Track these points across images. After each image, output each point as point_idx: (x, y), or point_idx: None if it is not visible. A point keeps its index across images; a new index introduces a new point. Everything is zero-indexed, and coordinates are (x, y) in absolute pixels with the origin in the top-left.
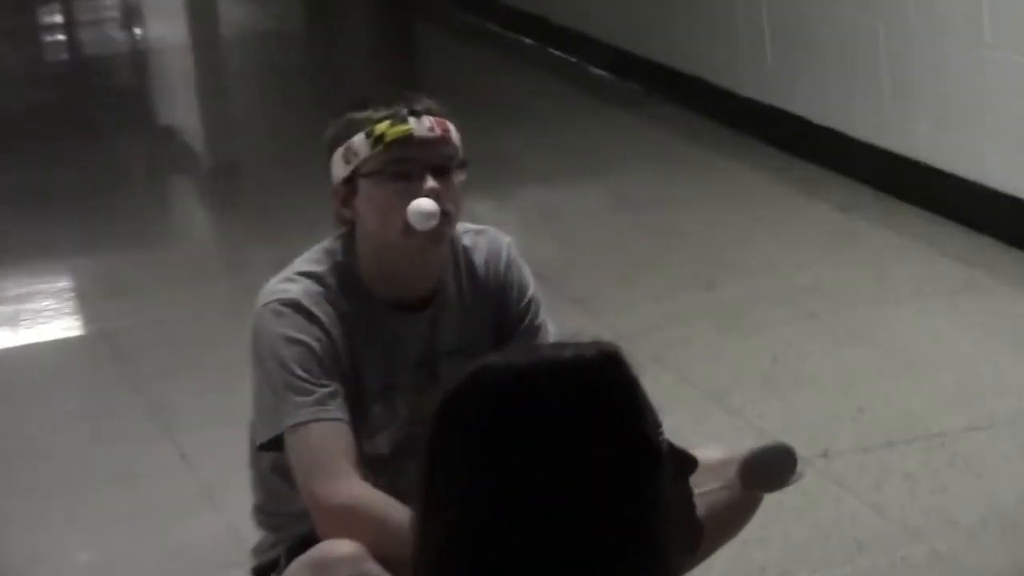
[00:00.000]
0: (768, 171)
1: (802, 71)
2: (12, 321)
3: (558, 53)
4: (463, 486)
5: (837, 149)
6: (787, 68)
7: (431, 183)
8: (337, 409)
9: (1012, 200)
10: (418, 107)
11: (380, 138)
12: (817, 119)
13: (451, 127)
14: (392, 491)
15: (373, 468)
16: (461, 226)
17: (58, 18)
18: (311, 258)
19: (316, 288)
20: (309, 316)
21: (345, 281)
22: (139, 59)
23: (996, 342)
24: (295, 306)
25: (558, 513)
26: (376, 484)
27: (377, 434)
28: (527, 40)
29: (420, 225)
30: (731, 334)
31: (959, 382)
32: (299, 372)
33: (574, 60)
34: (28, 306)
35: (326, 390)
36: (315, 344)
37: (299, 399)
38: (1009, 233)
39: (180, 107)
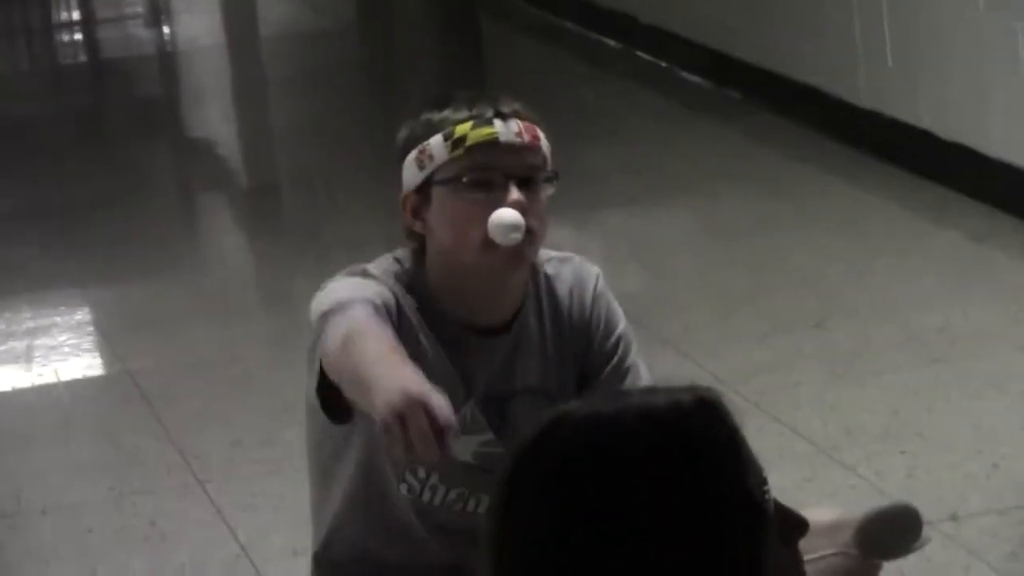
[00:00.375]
0: (888, 193)
1: (928, 78)
2: (25, 357)
3: (646, 56)
4: (538, 554)
5: (969, 169)
6: (911, 74)
7: (516, 194)
8: (382, 313)
9: None
10: (505, 109)
11: (460, 141)
12: (946, 134)
13: (541, 134)
14: (464, 513)
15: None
16: (544, 252)
17: (75, 15)
18: (378, 262)
19: (391, 275)
20: (376, 281)
21: (415, 289)
22: (167, 62)
23: None
24: (363, 272)
25: None
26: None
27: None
28: (611, 42)
29: (501, 239)
30: (845, 381)
31: None
32: (345, 295)
33: (664, 65)
34: (43, 341)
35: (381, 312)
36: (376, 296)
37: (352, 303)
38: None
39: (213, 116)
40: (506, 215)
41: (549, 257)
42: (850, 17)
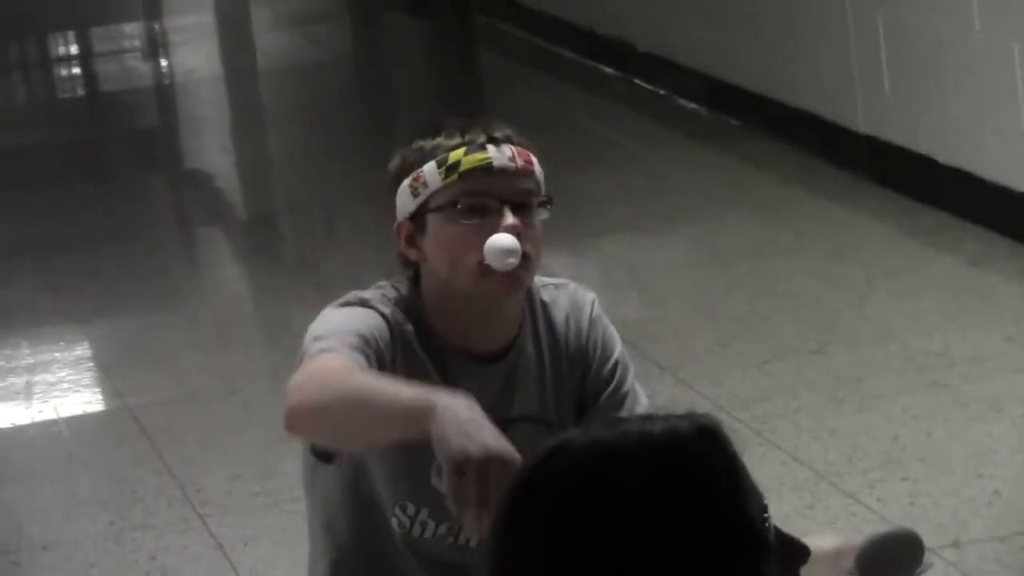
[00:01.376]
0: (887, 219)
1: (926, 102)
2: (24, 394)
3: (644, 84)
4: None
5: (967, 193)
6: (908, 99)
7: (511, 219)
8: (364, 355)
9: None
10: (497, 134)
11: (454, 167)
12: (944, 159)
13: (534, 159)
14: (455, 547)
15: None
16: (539, 279)
17: (73, 49)
18: (375, 289)
19: (388, 300)
20: (376, 312)
21: (412, 315)
22: (165, 94)
23: None
24: (360, 301)
25: None
26: (437, 534)
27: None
28: (608, 69)
29: (497, 264)
30: (845, 407)
31: None
32: (338, 329)
33: (662, 92)
34: (42, 377)
35: (364, 348)
36: (369, 327)
37: (329, 340)
38: None
39: (211, 148)
40: (502, 240)
41: (544, 284)
42: (847, 42)
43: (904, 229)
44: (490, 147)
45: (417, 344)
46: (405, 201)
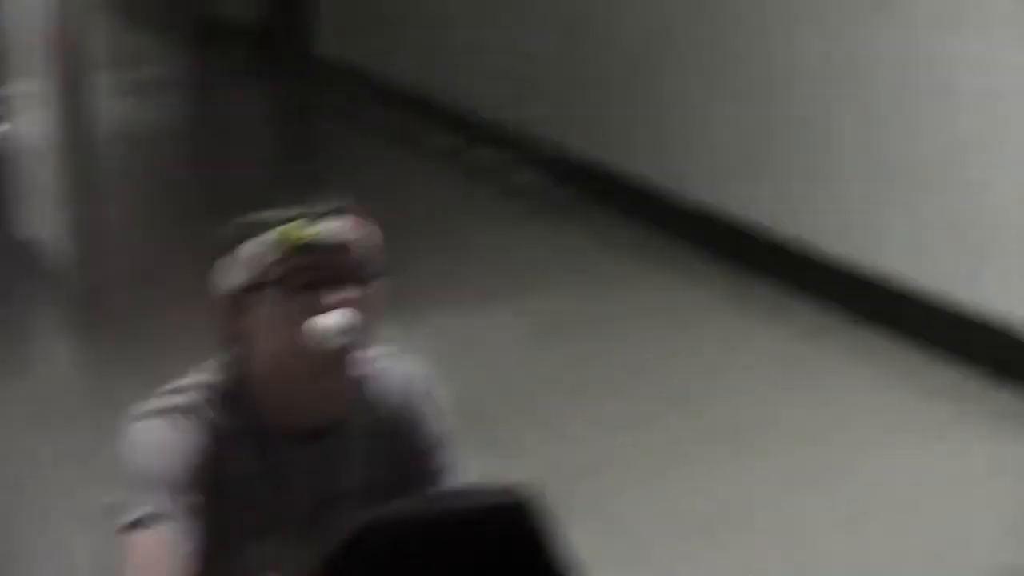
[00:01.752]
0: (719, 291)
1: (761, 173)
2: None
3: (485, 153)
4: None
5: (801, 266)
6: (743, 170)
7: (341, 295)
8: (181, 517)
9: (1005, 328)
10: (329, 208)
11: (284, 241)
12: (778, 230)
13: (366, 232)
14: None
15: None
16: (370, 350)
17: None
18: (194, 375)
19: (198, 402)
20: (182, 426)
21: (232, 401)
22: (1, 160)
23: (971, 491)
24: (168, 415)
25: None
26: None
27: None
28: (449, 139)
29: (327, 342)
30: (669, 478)
31: (926, 536)
32: (150, 471)
33: (503, 161)
34: None
35: (176, 496)
36: (180, 452)
37: (141, 497)
38: (997, 365)
39: (39, 216)
40: (331, 319)
41: (376, 355)
42: (688, 117)
43: (737, 302)
44: (321, 221)
45: (238, 438)
46: (231, 275)
